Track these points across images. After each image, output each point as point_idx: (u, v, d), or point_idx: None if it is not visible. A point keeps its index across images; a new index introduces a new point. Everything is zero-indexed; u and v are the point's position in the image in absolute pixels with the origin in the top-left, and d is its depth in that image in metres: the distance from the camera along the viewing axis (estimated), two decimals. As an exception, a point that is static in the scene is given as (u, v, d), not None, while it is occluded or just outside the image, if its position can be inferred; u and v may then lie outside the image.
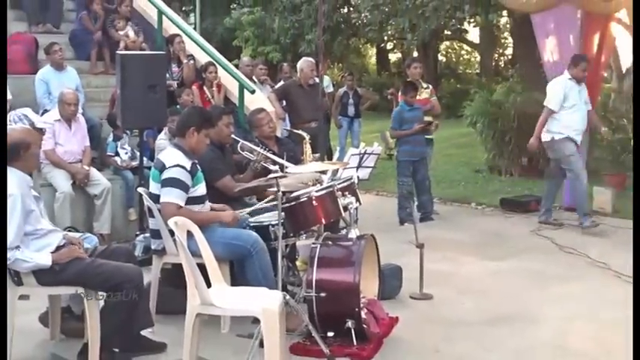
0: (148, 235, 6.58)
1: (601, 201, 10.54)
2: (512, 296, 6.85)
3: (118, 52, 8.47)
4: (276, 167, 6.43)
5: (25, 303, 5.27)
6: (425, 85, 10.61)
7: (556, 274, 7.52)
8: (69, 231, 8.01)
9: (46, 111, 9.33)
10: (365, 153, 6.87)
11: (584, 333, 5.89)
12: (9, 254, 4.75)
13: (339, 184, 5.88)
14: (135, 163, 9.19)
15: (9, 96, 9.44)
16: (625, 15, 10.24)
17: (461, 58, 37.51)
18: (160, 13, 12.22)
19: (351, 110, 14.70)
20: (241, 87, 10.81)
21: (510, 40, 27.51)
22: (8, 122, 6.51)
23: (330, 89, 14.68)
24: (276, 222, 5.45)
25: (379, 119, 19.33)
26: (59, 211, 8.41)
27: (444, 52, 34.71)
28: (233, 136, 7.06)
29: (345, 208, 5.76)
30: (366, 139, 16.09)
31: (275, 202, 5.44)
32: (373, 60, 37.24)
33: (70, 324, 5.62)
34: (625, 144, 12.05)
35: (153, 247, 6.03)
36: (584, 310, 6.35)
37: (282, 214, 5.39)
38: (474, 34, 29.69)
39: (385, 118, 19.35)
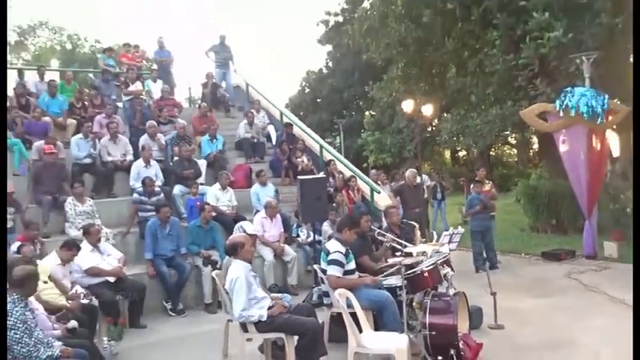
0: (320, 287, 6.49)
1: (609, 250, 9.75)
2: (556, 326, 6.27)
3: (298, 177, 8.46)
4: (396, 244, 6.27)
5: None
6: (487, 182, 10.41)
7: (584, 308, 6.86)
8: (273, 286, 8.13)
9: (257, 211, 9.38)
10: (453, 233, 6.56)
11: (610, 353, 5.30)
12: (244, 313, 4.80)
13: (440, 260, 5.58)
14: (310, 240, 9.13)
15: (234, 202, 9.62)
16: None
17: (504, 152, 36.32)
18: (321, 147, 12.33)
19: (438, 195, 14.37)
20: (372, 189, 10.67)
21: (536, 139, 26.69)
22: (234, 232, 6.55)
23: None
24: (401, 285, 5.26)
25: (456, 197, 18.86)
26: (267, 272, 8.41)
27: (493, 150, 33.65)
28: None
29: (445, 276, 5.49)
30: (450, 209, 15.63)
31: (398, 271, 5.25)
32: (448, 157, 36.47)
33: (277, 352, 5.49)
34: (620, 211, 11.17)
35: (324, 302, 5.89)
36: (608, 336, 5.71)
37: (405, 281, 5.21)
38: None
39: (459, 196, 18.76)
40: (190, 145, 10.59)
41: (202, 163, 10.45)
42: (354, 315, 4.98)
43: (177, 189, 9.60)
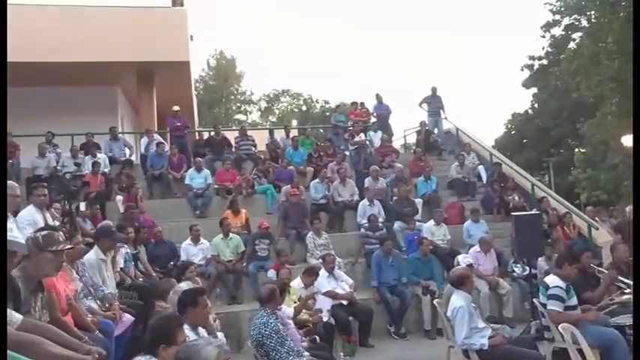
0: (538, 321, 5.97)
1: None
2: None
3: (513, 213, 8.01)
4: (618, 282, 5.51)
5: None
6: None
7: None
8: (490, 317, 7.68)
9: (471, 246, 9.02)
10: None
11: None
12: (466, 340, 4.61)
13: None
14: (525, 274, 8.49)
15: (448, 236, 9.40)
16: None
17: None
18: (532, 184, 11.52)
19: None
20: (589, 225, 9.58)
21: None
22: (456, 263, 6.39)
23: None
24: (630, 324, 4.56)
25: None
26: (482, 303, 7.89)
27: None
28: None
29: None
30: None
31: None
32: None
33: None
34: None
35: (545, 335, 5.38)
36: None
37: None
38: None
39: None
40: (408, 186, 10.71)
41: (419, 202, 10.47)
42: (579, 351, 4.47)
43: (397, 225, 9.72)
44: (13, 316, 2.68)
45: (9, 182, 5.64)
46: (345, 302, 7.25)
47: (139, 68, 14.35)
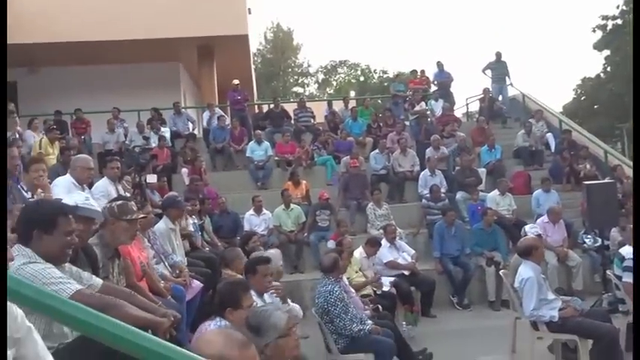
0: (610, 294, 5.75)
1: None
2: None
3: (585, 182, 7.67)
4: None
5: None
6: None
7: None
8: (558, 289, 7.43)
9: (539, 216, 8.71)
10: None
11: None
12: (535, 312, 4.50)
13: None
14: (597, 245, 8.15)
15: (514, 206, 9.09)
16: None
17: None
18: (605, 152, 10.95)
19: None
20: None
21: None
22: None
23: None
24: None
25: None
26: (550, 275, 7.51)
27: None
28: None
29: None
30: None
31: None
32: None
33: (568, 354, 4.98)
34: None
35: (620, 308, 5.17)
36: None
37: None
38: None
39: None
40: (470, 155, 10.43)
41: (482, 172, 10.20)
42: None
43: (460, 195, 9.52)
44: (94, 281, 2.84)
45: (84, 156, 5.95)
46: (406, 272, 7.24)
47: (200, 44, 14.57)
